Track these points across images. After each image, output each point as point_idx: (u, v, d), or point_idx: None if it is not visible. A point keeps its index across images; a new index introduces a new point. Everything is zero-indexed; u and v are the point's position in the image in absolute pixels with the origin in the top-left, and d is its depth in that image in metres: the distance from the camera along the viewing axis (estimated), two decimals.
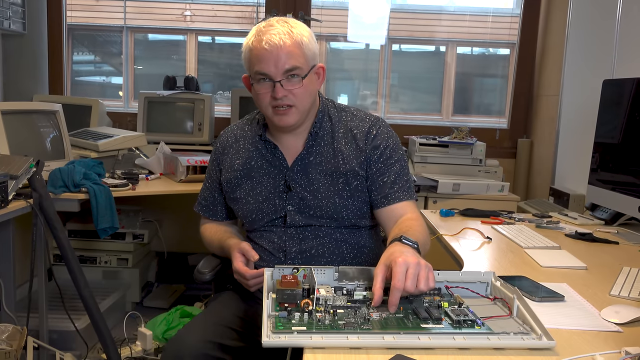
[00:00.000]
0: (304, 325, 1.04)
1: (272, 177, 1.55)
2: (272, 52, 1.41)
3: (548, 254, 1.70)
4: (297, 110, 1.47)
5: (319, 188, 1.52)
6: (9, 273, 2.34)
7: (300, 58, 1.44)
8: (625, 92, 2.08)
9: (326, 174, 1.52)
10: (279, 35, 1.42)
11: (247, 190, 1.56)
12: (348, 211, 1.52)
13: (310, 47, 1.48)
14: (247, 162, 1.57)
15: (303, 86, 1.45)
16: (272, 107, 1.46)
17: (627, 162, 2.04)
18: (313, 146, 1.54)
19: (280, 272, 1.20)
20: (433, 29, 3.69)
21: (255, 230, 1.58)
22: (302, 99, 1.46)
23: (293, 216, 1.52)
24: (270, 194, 1.54)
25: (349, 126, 1.56)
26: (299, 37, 1.44)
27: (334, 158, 1.53)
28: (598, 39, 2.72)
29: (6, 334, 1.95)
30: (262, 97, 1.46)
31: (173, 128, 3.24)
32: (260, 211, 1.54)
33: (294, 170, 1.53)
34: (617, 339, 1.10)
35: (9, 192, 1.96)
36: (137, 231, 3.11)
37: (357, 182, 1.52)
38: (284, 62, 1.42)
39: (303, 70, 1.45)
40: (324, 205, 1.51)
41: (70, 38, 3.63)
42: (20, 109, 2.45)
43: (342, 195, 1.51)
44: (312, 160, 1.53)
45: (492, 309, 1.15)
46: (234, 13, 3.64)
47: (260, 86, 1.45)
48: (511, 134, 3.55)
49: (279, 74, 1.42)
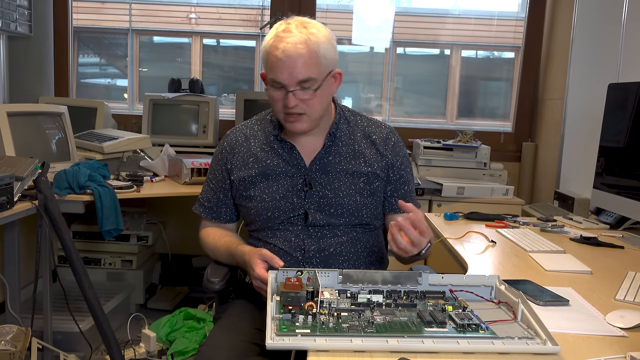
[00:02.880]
0: (307, 328, 1.04)
1: (290, 175, 1.55)
2: (286, 63, 1.41)
3: (553, 258, 1.70)
4: (309, 118, 1.49)
5: (340, 186, 1.54)
6: (14, 274, 2.35)
7: (315, 68, 1.43)
8: (631, 96, 2.07)
9: (347, 173, 1.55)
10: (296, 45, 1.41)
11: (262, 189, 1.55)
12: (367, 210, 1.56)
13: (327, 54, 1.46)
14: (262, 160, 1.57)
15: (317, 96, 1.47)
16: (284, 114, 1.49)
17: (632, 166, 2.04)
18: (332, 146, 1.57)
19: (285, 274, 1.19)
20: (438, 32, 3.69)
21: (269, 229, 1.56)
22: (314, 108, 1.48)
23: (314, 215, 1.53)
24: (288, 192, 1.54)
25: (366, 131, 1.61)
26: (315, 46, 1.43)
27: (355, 159, 1.56)
28: (603, 42, 2.71)
29: (11, 334, 1.95)
30: (275, 103, 1.49)
31: (178, 130, 3.25)
32: (277, 209, 1.54)
33: (313, 169, 1.55)
34: (622, 343, 1.09)
35: (15, 194, 1.97)
36: (142, 233, 3.12)
37: (378, 183, 1.58)
38: (298, 72, 1.42)
39: (317, 81, 1.45)
40: (345, 203, 1.53)
41: (76, 40, 3.65)
42: (26, 110, 2.46)
43: (362, 194, 1.55)
44: (331, 160, 1.56)
45: (496, 313, 1.15)
46: (239, 16, 3.65)
47: (274, 92, 1.48)
48: (516, 138, 3.54)
49: (292, 84, 1.43)
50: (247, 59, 3.76)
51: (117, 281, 3.10)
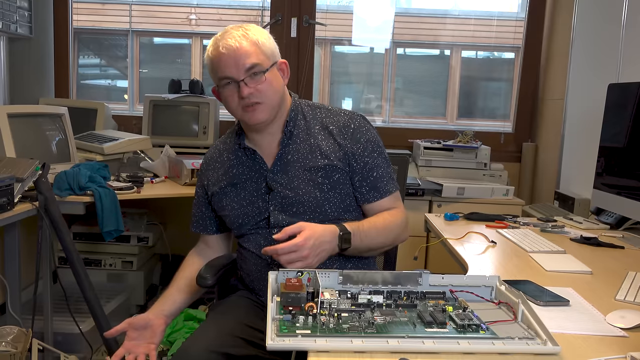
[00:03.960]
0: (308, 329, 1.04)
1: (254, 181, 1.57)
2: (230, 55, 1.45)
3: (553, 258, 1.70)
4: (266, 106, 1.49)
5: (299, 184, 1.52)
6: (14, 275, 2.35)
7: (260, 55, 1.47)
8: (631, 96, 2.07)
9: (304, 170, 1.53)
10: (234, 38, 1.46)
11: (232, 197, 1.59)
12: (331, 204, 1.53)
13: (268, 45, 1.50)
14: (229, 170, 1.60)
15: (267, 81, 1.47)
16: (242, 108, 1.49)
17: (632, 166, 2.04)
18: (289, 144, 1.55)
19: (285, 275, 1.20)
20: (438, 32, 3.69)
21: (243, 235, 1.61)
22: (268, 94, 1.48)
23: (277, 216, 1.53)
24: (253, 197, 1.56)
25: (324, 122, 1.58)
26: (254, 37, 1.48)
27: (311, 153, 1.54)
28: (603, 42, 2.71)
29: (11, 336, 1.96)
30: (231, 100, 1.49)
31: (178, 131, 3.25)
32: (246, 215, 1.57)
33: (274, 170, 1.55)
34: (622, 344, 1.09)
35: (15, 195, 1.97)
36: (142, 234, 3.12)
37: (338, 175, 1.53)
38: (243, 61, 1.45)
39: (263, 66, 1.47)
40: (305, 201, 1.51)
41: (77, 41, 3.65)
42: (27, 112, 2.46)
43: (322, 189, 1.52)
44: (289, 159, 1.55)
45: (496, 313, 1.15)
46: (239, 17, 3.65)
47: (226, 90, 1.48)
48: (516, 138, 3.54)
49: (240, 73, 1.45)
50: None
51: (117, 282, 3.09)
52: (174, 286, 1.62)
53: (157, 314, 1.53)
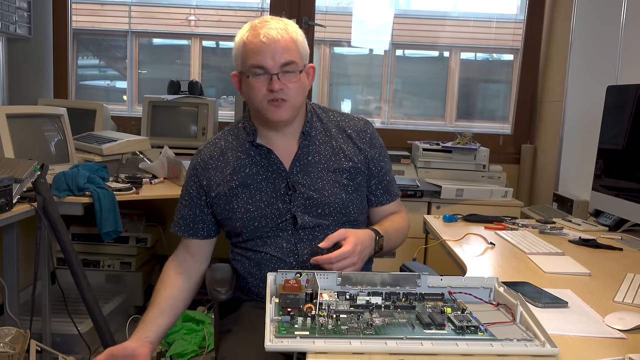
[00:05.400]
0: (306, 330, 1.04)
1: (271, 181, 1.51)
2: (269, 45, 1.41)
3: (552, 260, 1.70)
4: (290, 105, 1.47)
5: (323, 186, 1.51)
6: (12, 276, 2.35)
7: (296, 54, 1.45)
8: (629, 98, 2.08)
9: (329, 171, 1.52)
10: (277, 29, 1.43)
11: (245, 199, 1.51)
12: (354, 205, 1.54)
13: (303, 45, 1.49)
14: (239, 170, 1.53)
15: (298, 81, 1.46)
16: (267, 101, 1.45)
17: (631, 168, 2.04)
18: (308, 145, 1.54)
19: (284, 276, 1.19)
20: (437, 34, 3.69)
21: (258, 238, 1.53)
22: (295, 95, 1.47)
23: (302, 217, 1.49)
24: (272, 198, 1.50)
25: (341, 125, 1.59)
26: (294, 34, 1.47)
27: (334, 155, 1.54)
28: (602, 44, 2.72)
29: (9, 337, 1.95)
30: (257, 91, 1.45)
31: (177, 132, 3.25)
32: (264, 217, 1.51)
33: (294, 171, 1.51)
34: (621, 345, 1.09)
35: (14, 196, 1.97)
36: (141, 235, 3.11)
37: (360, 178, 1.56)
38: (280, 55, 1.42)
39: (298, 65, 1.46)
40: (331, 202, 1.51)
41: (76, 42, 3.65)
42: (25, 112, 2.46)
43: (347, 191, 1.53)
44: (310, 160, 1.53)
45: (495, 315, 1.15)
46: (238, 18, 3.65)
47: (255, 80, 1.44)
48: (515, 140, 3.55)
49: (276, 67, 1.42)
50: None
51: (116, 283, 3.09)
52: (156, 308, 1.49)
53: (142, 342, 1.40)
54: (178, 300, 1.54)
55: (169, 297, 1.53)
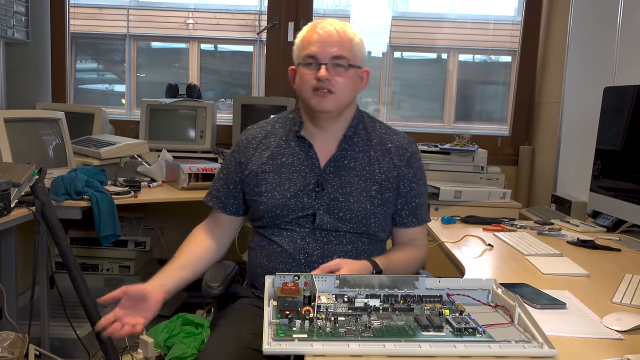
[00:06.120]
0: (305, 333, 1.04)
1: (303, 175, 1.53)
2: (322, 37, 1.48)
3: (550, 261, 1.70)
4: (337, 98, 1.49)
5: (351, 191, 1.51)
6: (11, 280, 2.35)
7: (349, 51, 1.49)
8: (627, 99, 2.08)
9: (360, 179, 1.53)
10: (333, 25, 1.50)
11: (273, 185, 1.54)
12: (376, 219, 1.53)
13: (360, 47, 1.53)
14: (276, 157, 1.56)
15: (346, 76, 1.49)
16: (312, 90, 1.48)
17: (628, 169, 2.04)
18: (347, 150, 1.55)
19: (282, 279, 1.19)
20: (434, 36, 3.70)
21: (276, 226, 1.55)
22: (342, 89, 1.49)
23: (322, 217, 1.50)
24: (300, 191, 1.51)
25: (383, 138, 1.59)
26: (351, 34, 1.51)
27: (370, 165, 1.55)
28: (599, 46, 2.72)
29: (8, 341, 1.95)
30: (306, 80, 1.49)
31: (175, 136, 3.25)
32: (287, 207, 1.52)
33: (327, 170, 1.53)
34: (618, 346, 1.09)
35: (12, 200, 1.97)
36: (139, 239, 3.11)
37: (389, 194, 1.55)
38: (332, 48, 1.47)
39: (349, 61, 1.49)
40: (355, 209, 1.50)
41: (74, 46, 3.65)
42: (24, 117, 2.46)
43: (373, 202, 1.52)
44: (346, 164, 1.54)
45: (493, 316, 1.15)
46: (236, 21, 3.65)
47: (305, 68, 1.49)
48: (513, 141, 3.55)
49: (326, 57, 1.47)
50: (245, 64, 3.76)
51: (114, 287, 3.02)
52: (178, 261, 1.53)
53: (157, 288, 1.42)
54: (201, 258, 1.58)
55: (192, 254, 1.56)
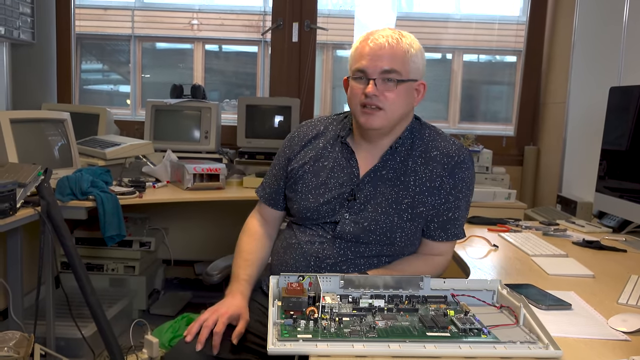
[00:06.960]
0: (309, 333, 1.04)
1: (341, 183, 1.48)
2: (373, 50, 1.41)
3: (555, 262, 1.70)
4: (385, 115, 1.42)
5: (381, 202, 1.45)
6: (16, 280, 2.36)
7: (401, 65, 1.41)
8: (633, 99, 2.07)
9: (393, 189, 1.46)
10: (386, 37, 1.42)
11: (309, 187, 1.51)
12: (403, 233, 1.46)
13: (416, 60, 1.45)
14: (319, 159, 1.52)
15: (397, 92, 1.41)
16: (361, 106, 1.43)
17: (634, 169, 2.03)
18: (388, 160, 1.49)
19: (286, 279, 1.20)
20: (439, 36, 3.69)
21: (304, 225, 1.53)
22: (392, 105, 1.42)
23: (344, 226, 1.45)
24: (334, 199, 1.48)
25: (429, 146, 1.50)
26: (406, 46, 1.43)
27: (405, 176, 1.47)
28: (604, 46, 2.71)
29: (13, 341, 1.96)
30: (355, 94, 1.44)
31: (180, 136, 3.26)
32: (317, 212, 1.49)
33: (364, 180, 1.47)
34: (624, 347, 1.09)
35: (17, 200, 1.97)
36: (144, 239, 3.12)
37: (422, 209, 1.46)
38: (382, 62, 1.40)
39: (401, 76, 1.41)
40: (380, 220, 1.44)
41: (79, 47, 3.67)
42: (29, 117, 2.47)
43: (402, 216, 1.45)
44: (384, 174, 1.48)
45: (498, 317, 1.15)
46: (241, 22, 3.66)
47: (355, 83, 1.44)
48: (518, 142, 3.54)
49: (375, 72, 1.41)
50: (249, 65, 3.77)
51: (119, 287, 3.10)
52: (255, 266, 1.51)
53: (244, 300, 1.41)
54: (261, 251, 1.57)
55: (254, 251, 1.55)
